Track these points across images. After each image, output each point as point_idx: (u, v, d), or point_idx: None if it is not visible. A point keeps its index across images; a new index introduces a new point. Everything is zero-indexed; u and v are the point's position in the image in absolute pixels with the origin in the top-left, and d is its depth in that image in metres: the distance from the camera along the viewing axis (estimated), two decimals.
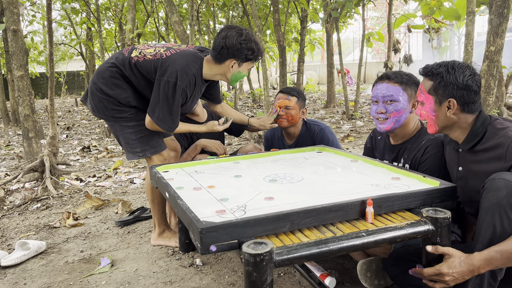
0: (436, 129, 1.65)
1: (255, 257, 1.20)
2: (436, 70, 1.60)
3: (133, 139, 2.21)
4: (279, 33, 8.93)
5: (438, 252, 1.38)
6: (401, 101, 1.92)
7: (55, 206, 3.33)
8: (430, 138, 1.90)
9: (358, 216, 1.44)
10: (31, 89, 4.89)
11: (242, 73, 2.22)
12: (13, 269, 2.21)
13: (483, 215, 1.42)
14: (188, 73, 2.11)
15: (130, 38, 6.71)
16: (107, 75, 2.19)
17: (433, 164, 1.85)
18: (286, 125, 2.59)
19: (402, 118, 1.93)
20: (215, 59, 2.17)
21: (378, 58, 22.13)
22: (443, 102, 1.59)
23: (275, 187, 1.70)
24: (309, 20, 12.80)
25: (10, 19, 4.79)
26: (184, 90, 2.11)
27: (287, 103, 2.55)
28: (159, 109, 2.10)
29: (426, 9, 11.97)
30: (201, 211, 1.44)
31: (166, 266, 2.13)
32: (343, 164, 2.01)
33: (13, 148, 7.11)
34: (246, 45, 2.12)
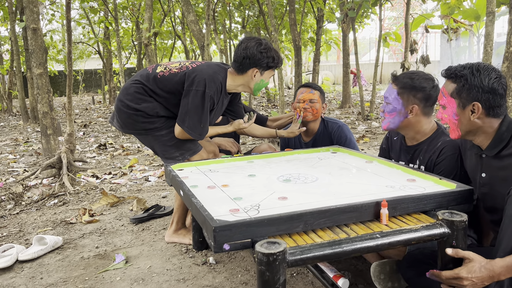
0: (459, 134, 1.60)
1: (268, 257, 1.20)
2: (460, 72, 1.55)
3: (169, 146, 2.27)
4: (295, 32, 8.91)
5: (458, 255, 1.35)
6: (393, 104, 1.92)
7: (71, 202, 3.38)
8: (446, 139, 1.87)
9: (372, 218, 1.44)
10: (49, 87, 4.98)
11: (264, 81, 2.30)
12: (30, 263, 2.25)
13: (507, 222, 1.38)
14: (215, 81, 2.19)
15: (147, 37, 6.77)
16: (132, 91, 2.26)
17: (449, 166, 1.82)
18: (310, 118, 2.61)
19: (396, 120, 1.93)
20: (238, 70, 2.26)
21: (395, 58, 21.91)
22: (466, 105, 1.54)
23: (289, 187, 1.70)
24: (325, 19, 12.75)
25: (30, 17, 4.87)
26: (212, 97, 2.18)
27: (311, 96, 2.58)
28: (189, 119, 2.17)
29: (445, 9, 11.82)
30: (215, 209, 1.45)
31: (179, 264, 2.14)
32: (357, 165, 2.00)
33: (32, 145, 7.23)
34: (266, 53, 2.21)
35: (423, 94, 1.89)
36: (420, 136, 1.97)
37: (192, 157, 2.28)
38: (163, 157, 2.31)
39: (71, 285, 1.98)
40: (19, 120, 10.78)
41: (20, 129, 9.42)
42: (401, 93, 1.93)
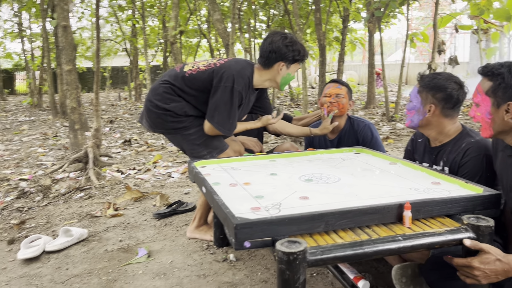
0: (491, 133, 1.57)
1: (289, 256, 1.20)
2: (497, 70, 1.51)
3: (198, 144, 2.30)
4: (320, 32, 8.86)
5: (476, 248, 1.32)
6: (413, 102, 1.93)
7: (97, 196, 3.46)
8: (471, 141, 1.83)
9: (395, 220, 1.42)
10: (78, 83, 5.10)
11: (290, 74, 2.31)
12: (57, 254, 2.31)
13: None
14: (243, 76, 2.22)
15: (173, 35, 6.86)
16: (161, 91, 2.30)
17: (473, 167, 1.78)
18: (337, 113, 2.59)
19: (415, 119, 1.93)
20: (264, 65, 2.28)
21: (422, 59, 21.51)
22: (501, 105, 1.50)
23: (310, 186, 1.70)
24: (351, 19, 12.62)
25: (61, 15, 5.00)
26: (240, 92, 2.20)
27: (338, 91, 2.58)
28: (218, 114, 2.20)
29: (475, 9, 11.53)
30: (236, 207, 1.46)
31: (200, 260, 2.17)
32: (381, 167, 1.98)
33: (60, 139, 7.43)
34: (292, 47, 2.22)
35: (443, 94, 1.86)
36: (443, 137, 1.94)
37: (219, 156, 2.30)
38: (191, 156, 2.34)
39: (95, 277, 2.03)
40: (48, 115, 11.07)
41: (50, 123, 9.68)
42: (421, 91, 1.92)
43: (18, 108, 13.07)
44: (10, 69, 18.00)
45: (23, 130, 8.79)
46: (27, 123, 9.79)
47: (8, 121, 10.22)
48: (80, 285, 1.95)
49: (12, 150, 6.55)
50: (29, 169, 5.01)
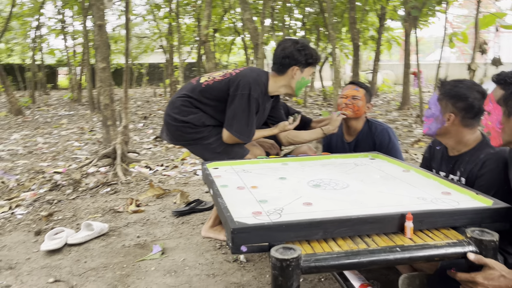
0: (500, 143, 1.53)
1: (282, 262, 1.21)
2: (510, 78, 1.46)
3: (219, 152, 2.36)
4: (354, 31, 8.75)
5: (480, 262, 1.29)
6: (432, 109, 1.87)
7: (122, 191, 3.57)
8: (490, 152, 1.77)
9: (396, 230, 1.40)
10: (111, 80, 5.27)
11: (305, 79, 2.34)
12: (78, 247, 2.42)
13: None
14: (260, 83, 2.27)
15: (205, 34, 6.95)
16: (179, 104, 2.37)
17: (491, 179, 1.73)
18: (351, 115, 2.57)
19: (433, 127, 1.87)
20: (278, 71, 2.32)
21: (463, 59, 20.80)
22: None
23: (317, 192, 1.70)
24: (388, 17, 12.36)
25: (97, 15, 5.16)
26: (257, 100, 2.25)
27: (355, 93, 2.56)
28: (236, 123, 2.25)
29: None
30: (238, 210, 1.48)
31: (211, 259, 2.21)
32: (393, 174, 1.95)
33: (95, 134, 7.69)
34: (304, 51, 2.27)
35: (463, 104, 1.80)
36: (462, 146, 1.89)
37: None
38: None
39: (109, 271, 2.11)
40: (87, 109, 11.47)
41: (87, 118, 10.03)
42: (441, 99, 1.86)
43: (59, 103, 13.61)
44: (53, 65, 18.76)
45: (62, 124, 9.16)
46: (66, 117, 10.19)
47: (49, 115, 10.67)
48: (95, 278, 2.04)
49: (50, 143, 6.85)
50: (64, 162, 5.23)
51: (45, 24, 14.54)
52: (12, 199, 3.53)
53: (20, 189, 3.88)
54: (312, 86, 15.12)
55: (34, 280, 2.03)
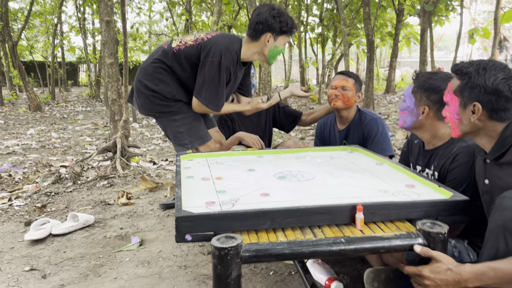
0: (458, 134, 1.50)
1: (220, 251, 1.20)
2: (466, 69, 1.43)
3: (181, 132, 2.34)
4: (368, 26, 8.62)
5: (426, 255, 1.26)
6: (407, 102, 1.82)
7: (118, 184, 3.62)
8: (463, 145, 1.72)
9: (348, 221, 1.37)
10: (119, 76, 5.33)
11: (278, 47, 2.27)
12: (61, 237, 2.46)
13: (487, 236, 1.27)
14: (231, 51, 2.20)
15: (215, 30, 6.96)
16: (150, 71, 2.32)
17: (462, 173, 1.68)
18: (340, 105, 2.56)
19: (408, 120, 1.82)
20: (252, 37, 2.26)
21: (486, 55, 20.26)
22: (467, 105, 1.43)
23: (279, 184, 1.68)
24: (407, 13, 12.14)
25: (104, 11, 5.23)
26: (228, 68, 2.19)
27: (344, 83, 2.55)
28: (205, 90, 2.21)
29: None
30: (193, 200, 1.48)
31: (187, 251, 2.22)
32: (365, 167, 1.91)
33: (109, 129, 7.82)
34: (279, 18, 2.19)
35: (437, 97, 1.75)
36: (437, 140, 1.84)
37: (200, 147, 2.33)
38: (174, 143, 2.39)
39: (85, 261, 2.14)
40: (103, 106, 11.68)
41: (103, 114, 10.22)
42: (415, 91, 1.82)
43: (78, 99, 13.91)
44: (74, 62, 19.18)
45: (78, 119, 9.36)
46: (83, 113, 10.40)
47: (67, 111, 10.92)
48: (70, 267, 2.07)
49: (63, 138, 7.00)
50: (73, 156, 5.34)
51: (66, 21, 14.88)
52: (14, 191, 3.62)
53: (25, 182, 3.98)
54: (329, 83, 14.97)
55: (12, 269, 2.08)
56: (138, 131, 7.60)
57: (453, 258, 1.51)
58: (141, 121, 8.91)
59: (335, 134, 2.70)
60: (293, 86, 2.67)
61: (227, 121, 2.78)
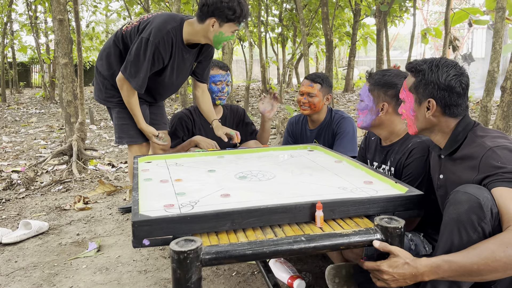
0: (415, 130, 1.55)
1: (179, 254, 1.17)
2: (420, 66, 1.48)
3: (115, 124, 2.35)
4: (327, 26, 8.75)
5: (385, 249, 1.28)
6: (365, 101, 1.85)
7: (74, 189, 3.49)
8: (417, 141, 1.77)
9: (308, 219, 1.38)
10: (74, 76, 5.14)
11: (224, 34, 2.17)
12: (12, 246, 2.34)
13: (442, 229, 1.31)
14: (162, 29, 2.12)
15: None
16: (104, 55, 2.31)
17: (417, 168, 1.72)
18: (308, 112, 2.62)
19: (367, 118, 1.85)
20: (198, 17, 2.18)
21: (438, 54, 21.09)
22: (422, 101, 1.48)
23: (240, 184, 1.66)
24: (363, 14, 12.42)
25: (57, 9, 5.03)
26: (157, 47, 2.12)
27: (309, 90, 2.58)
28: (130, 65, 2.16)
29: (490, 3, 11.21)
30: (151, 204, 1.44)
31: (147, 255, 2.16)
32: (324, 165, 1.93)
33: (65, 132, 7.53)
34: (227, 4, 2.09)
35: (394, 91, 1.81)
36: (394, 136, 1.89)
37: (130, 146, 2.36)
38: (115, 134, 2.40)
39: (38, 270, 2.04)
40: (59, 108, 11.26)
41: (58, 116, 9.84)
42: (372, 89, 1.86)
43: (31, 101, 13.34)
44: (26, 62, 18.39)
45: (31, 122, 8.97)
46: (36, 116, 9.98)
47: (19, 113, 10.44)
48: (21, 278, 1.97)
49: (15, 142, 6.68)
50: (26, 161, 5.11)
51: (16, 20, 14.24)
52: None
53: None
54: (289, 82, 15.11)
55: None
56: (96, 133, 7.38)
57: (409, 251, 1.56)
58: (99, 123, 8.65)
59: (306, 133, 2.74)
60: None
61: (187, 123, 2.73)
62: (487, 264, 1.16)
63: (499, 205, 1.24)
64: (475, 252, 1.18)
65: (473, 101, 9.92)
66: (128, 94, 2.22)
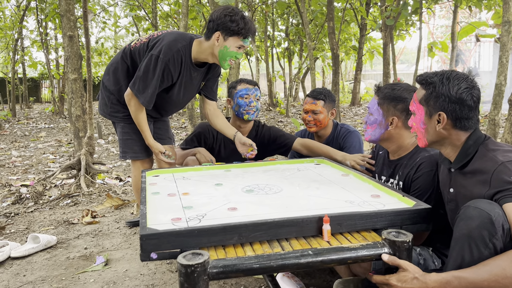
0: (425, 143, 1.54)
1: (186, 268, 1.18)
2: (431, 79, 1.48)
3: (120, 139, 2.38)
4: (333, 41, 8.81)
5: (394, 263, 1.27)
6: (374, 115, 1.86)
7: (82, 203, 3.51)
8: (425, 155, 1.77)
9: (315, 233, 1.37)
10: (83, 91, 5.21)
11: (229, 48, 2.18)
12: (21, 260, 2.35)
13: (453, 244, 1.30)
14: (172, 48, 2.16)
15: None
16: (111, 70, 2.35)
17: (425, 182, 1.72)
18: (315, 130, 2.65)
19: (376, 132, 1.87)
20: (205, 36, 2.23)
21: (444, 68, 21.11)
22: (433, 114, 1.47)
23: (247, 197, 1.67)
24: (369, 28, 12.49)
25: (67, 25, 5.12)
26: (167, 65, 2.15)
27: (313, 107, 2.59)
28: (139, 81, 2.18)
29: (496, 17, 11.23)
30: (158, 217, 1.45)
31: (154, 269, 2.16)
32: (331, 178, 1.93)
33: (73, 146, 7.59)
34: (231, 17, 2.13)
35: (403, 105, 1.82)
36: (402, 150, 1.89)
37: (133, 161, 2.38)
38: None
39: (47, 284, 2.05)
40: (67, 122, 11.37)
41: (67, 131, 9.93)
42: (381, 103, 1.87)
43: (40, 116, 13.49)
44: (36, 78, 18.64)
45: (40, 137, 9.06)
46: (46, 130, 10.09)
47: (29, 128, 10.56)
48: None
49: (25, 156, 6.75)
50: (35, 175, 5.15)
51: (27, 36, 14.49)
52: None
53: None
54: (296, 96, 15.16)
55: None
56: (104, 147, 7.43)
57: (418, 265, 1.55)
58: (107, 137, 8.71)
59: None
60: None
61: (207, 138, 2.68)
62: (497, 281, 1.15)
63: (510, 221, 1.23)
64: (485, 269, 1.17)
65: (481, 114, 9.89)
66: (136, 109, 2.25)
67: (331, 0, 7.96)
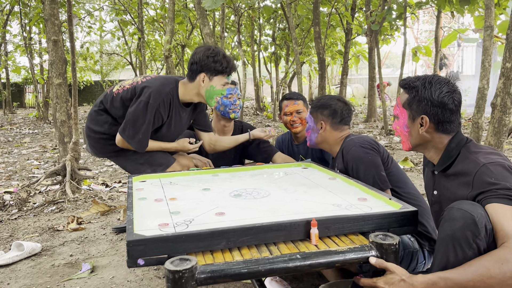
0: (409, 147, 1.57)
1: (174, 274, 1.17)
2: (413, 83, 1.52)
3: (141, 163, 2.32)
4: (319, 45, 8.86)
5: (381, 266, 1.28)
6: (309, 122, 2.15)
7: (67, 209, 3.46)
8: (346, 141, 2.01)
9: (303, 237, 1.38)
10: (68, 96, 5.15)
11: (215, 88, 2.25)
12: (5, 268, 2.31)
13: (438, 246, 1.32)
14: (161, 92, 2.19)
15: (167, 49, 6.92)
16: (94, 116, 2.34)
17: (354, 159, 1.91)
18: (301, 129, 2.68)
19: (312, 137, 2.14)
20: (189, 77, 2.27)
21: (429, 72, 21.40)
22: (416, 118, 1.50)
23: (235, 202, 1.66)
24: (355, 32, 12.60)
25: (51, 30, 5.06)
26: (157, 109, 2.19)
27: (296, 107, 2.66)
28: (129, 128, 2.20)
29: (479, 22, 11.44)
30: (145, 223, 1.44)
31: (142, 276, 2.14)
32: (319, 182, 1.94)
33: (58, 152, 7.49)
34: (213, 58, 2.19)
35: (328, 111, 2.08)
36: (336, 147, 2.09)
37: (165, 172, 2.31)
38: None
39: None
40: (52, 127, 11.22)
41: (52, 136, 9.80)
42: (312, 112, 2.13)
43: (24, 121, 13.30)
44: (20, 83, 18.39)
45: (24, 142, 8.92)
46: (30, 136, 9.94)
47: (12, 133, 10.40)
48: None
49: (8, 162, 6.64)
50: (19, 181, 5.07)
51: (11, 41, 14.29)
52: None
53: None
54: None
55: None
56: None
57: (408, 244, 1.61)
58: None
59: (293, 148, 2.79)
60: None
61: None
62: (483, 281, 1.16)
63: (493, 222, 1.25)
64: (470, 269, 1.19)
65: (465, 118, 10.04)
66: (137, 148, 2.26)
67: (317, 5, 8.02)
